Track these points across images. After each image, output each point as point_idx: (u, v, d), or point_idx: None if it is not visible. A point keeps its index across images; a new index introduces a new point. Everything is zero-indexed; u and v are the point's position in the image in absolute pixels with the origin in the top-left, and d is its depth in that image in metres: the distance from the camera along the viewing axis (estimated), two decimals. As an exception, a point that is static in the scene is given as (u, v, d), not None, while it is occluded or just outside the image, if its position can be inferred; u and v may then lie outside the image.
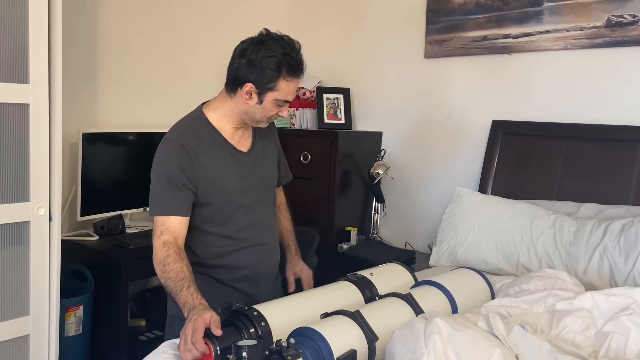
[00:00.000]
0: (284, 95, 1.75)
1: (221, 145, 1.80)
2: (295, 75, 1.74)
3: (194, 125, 1.80)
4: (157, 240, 1.67)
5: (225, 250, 1.81)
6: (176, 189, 1.70)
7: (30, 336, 2.15)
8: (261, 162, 1.90)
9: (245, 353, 1.18)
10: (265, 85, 1.72)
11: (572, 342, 1.51)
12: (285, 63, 1.70)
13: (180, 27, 3.26)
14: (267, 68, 1.69)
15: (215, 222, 1.79)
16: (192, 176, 1.71)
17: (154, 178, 1.74)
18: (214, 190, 1.75)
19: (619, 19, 2.51)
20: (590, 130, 2.57)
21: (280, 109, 1.79)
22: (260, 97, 1.74)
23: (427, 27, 3.10)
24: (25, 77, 2.05)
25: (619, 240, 2.18)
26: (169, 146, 1.74)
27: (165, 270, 1.61)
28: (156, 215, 1.71)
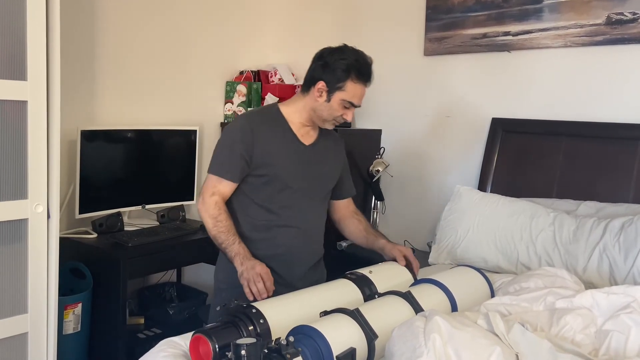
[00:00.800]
0: (351, 96, 1.93)
1: (286, 132, 2.00)
2: (362, 80, 1.94)
3: (264, 111, 2.11)
4: (209, 197, 1.93)
5: (265, 224, 1.97)
6: (233, 157, 1.92)
7: (28, 334, 2.14)
8: (319, 160, 2.06)
9: (244, 351, 1.17)
10: (334, 85, 1.92)
11: (572, 340, 1.51)
12: (355, 67, 1.92)
13: (179, 24, 3.25)
14: (338, 69, 1.92)
15: (263, 194, 1.97)
16: (250, 148, 1.92)
17: (218, 145, 2.00)
18: (268, 164, 1.94)
19: (619, 16, 2.50)
20: (590, 128, 2.56)
21: (346, 111, 1.97)
22: (329, 95, 1.93)
23: (427, 25, 3.09)
24: (23, 74, 2.04)
25: (618, 238, 2.17)
26: (237, 122, 2.01)
27: (217, 225, 1.90)
28: (212, 174, 1.96)
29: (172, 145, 3.14)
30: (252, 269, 1.81)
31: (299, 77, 3.65)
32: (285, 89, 3.54)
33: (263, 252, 1.95)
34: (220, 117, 3.56)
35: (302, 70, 3.62)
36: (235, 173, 1.94)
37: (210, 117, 3.49)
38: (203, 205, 1.94)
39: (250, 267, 1.82)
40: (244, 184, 1.98)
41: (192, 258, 2.96)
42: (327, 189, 2.13)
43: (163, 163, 3.11)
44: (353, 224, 2.21)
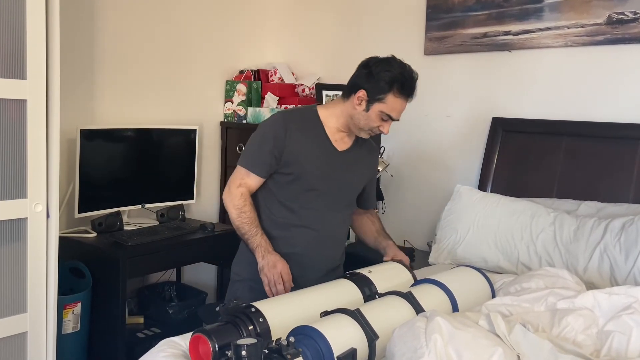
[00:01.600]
0: (390, 109, 1.91)
1: (319, 134, 2.00)
2: (404, 94, 1.91)
3: (301, 111, 2.12)
4: (236, 188, 1.96)
5: (284, 222, 1.99)
6: (263, 152, 1.94)
7: (27, 333, 2.13)
8: (349, 167, 2.05)
9: (245, 352, 1.17)
10: (375, 95, 1.90)
11: (573, 341, 1.50)
12: (399, 81, 1.88)
13: (179, 23, 3.24)
14: (381, 80, 1.89)
15: (287, 192, 1.98)
16: (281, 145, 1.93)
17: (252, 138, 2.02)
18: (296, 163, 1.95)
19: (619, 16, 2.50)
20: (591, 127, 2.56)
21: (383, 123, 1.95)
22: (368, 105, 1.92)
23: (427, 24, 3.09)
24: (22, 73, 2.03)
25: (619, 238, 2.17)
26: (273, 118, 2.03)
27: (241, 215, 1.93)
28: (241, 166, 1.98)
29: (171, 145, 3.14)
30: (273, 267, 1.86)
31: (298, 77, 3.65)
32: (285, 88, 3.54)
33: (280, 250, 1.96)
34: (220, 117, 3.55)
35: (302, 69, 3.66)
36: (263, 168, 1.96)
37: (210, 117, 3.49)
38: (229, 195, 1.97)
39: (271, 264, 1.87)
40: (270, 180, 2.00)
41: (191, 257, 2.96)
42: (352, 197, 2.13)
43: (163, 162, 3.11)
44: (367, 223, 2.23)
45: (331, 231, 2.07)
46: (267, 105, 3.47)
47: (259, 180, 1.98)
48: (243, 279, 2.02)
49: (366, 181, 2.17)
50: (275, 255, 1.90)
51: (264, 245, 1.91)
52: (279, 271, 1.86)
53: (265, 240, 1.93)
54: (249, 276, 1.99)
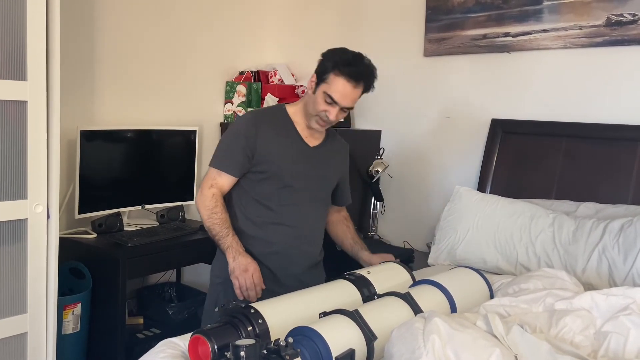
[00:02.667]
0: (332, 90, 1.89)
1: (290, 131, 2.02)
2: (346, 75, 1.89)
3: (272, 110, 2.11)
4: (207, 189, 1.96)
5: (261, 220, 1.99)
6: (234, 151, 1.95)
7: (27, 334, 2.14)
8: (322, 162, 2.06)
9: (243, 352, 1.17)
10: (321, 76, 1.92)
11: (571, 341, 1.51)
12: (343, 62, 1.90)
13: (179, 24, 3.25)
14: (327, 61, 1.93)
15: (261, 190, 1.98)
16: (252, 143, 1.94)
17: (223, 137, 2.03)
18: (268, 161, 1.95)
19: (618, 17, 2.50)
20: (590, 129, 2.56)
21: (329, 107, 1.92)
22: (315, 87, 1.94)
23: (427, 25, 3.10)
24: (23, 74, 2.04)
25: (617, 239, 2.17)
26: (242, 118, 2.07)
27: (212, 217, 1.93)
28: (212, 167, 1.98)
29: (171, 145, 3.14)
30: (245, 270, 1.85)
31: (298, 78, 3.65)
32: (284, 89, 3.54)
33: (258, 249, 1.97)
34: (219, 117, 3.56)
35: (302, 70, 3.66)
36: (235, 167, 1.96)
37: (210, 118, 3.49)
38: (201, 197, 1.97)
39: (243, 267, 1.86)
40: (244, 179, 2.00)
41: (191, 258, 2.96)
42: (327, 192, 2.14)
43: (163, 163, 3.11)
44: (342, 229, 2.26)
45: (309, 227, 2.07)
46: (267, 106, 3.48)
47: (232, 179, 1.98)
48: (224, 281, 1.99)
49: (339, 176, 2.19)
50: (246, 257, 1.89)
51: (234, 247, 1.90)
52: (250, 275, 1.86)
53: (237, 241, 1.92)
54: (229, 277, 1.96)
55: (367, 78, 1.95)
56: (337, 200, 2.25)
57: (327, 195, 2.16)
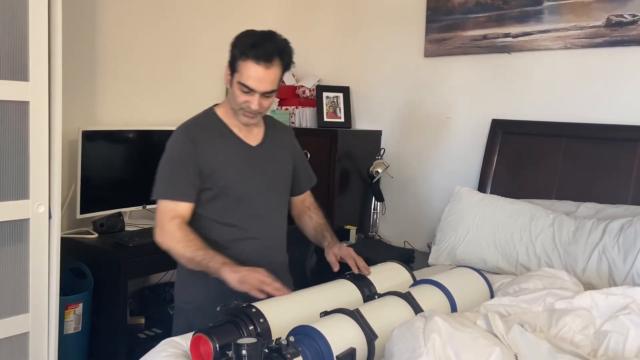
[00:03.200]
0: (245, 78, 1.73)
1: (228, 136, 1.86)
2: (252, 57, 1.71)
3: (201, 119, 1.90)
4: (168, 223, 1.76)
5: (228, 239, 1.83)
6: (182, 175, 1.78)
7: (29, 334, 2.14)
8: (270, 158, 1.92)
9: (245, 351, 1.18)
10: (232, 66, 1.77)
11: (571, 341, 1.51)
12: (247, 44, 1.73)
13: (180, 25, 3.26)
14: (234, 49, 1.77)
15: (219, 208, 1.83)
16: (196, 162, 1.78)
17: (162, 165, 1.83)
18: (216, 176, 1.80)
19: (618, 18, 2.51)
20: (590, 129, 2.57)
21: (248, 97, 1.76)
22: (231, 80, 1.78)
23: (427, 26, 3.10)
24: (25, 74, 2.04)
25: (617, 239, 2.18)
26: (175, 137, 1.85)
27: (189, 246, 1.73)
28: (164, 199, 1.78)
29: (172, 146, 3.14)
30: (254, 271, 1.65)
31: (299, 78, 3.66)
32: (285, 89, 3.55)
33: None
34: (220, 118, 3.56)
35: (302, 71, 3.67)
36: (190, 192, 1.79)
37: (211, 118, 3.49)
38: (163, 234, 1.76)
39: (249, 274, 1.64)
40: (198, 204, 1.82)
41: (192, 258, 2.96)
42: (284, 189, 1.99)
43: (164, 163, 3.11)
44: (305, 221, 2.07)
45: (274, 234, 1.94)
46: (268, 106, 3.48)
47: (191, 206, 1.79)
48: (196, 307, 1.81)
49: (292, 165, 2.01)
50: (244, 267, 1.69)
51: (229, 262, 1.69)
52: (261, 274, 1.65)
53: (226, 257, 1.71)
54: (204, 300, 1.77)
55: (281, 55, 1.76)
56: (297, 189, 2.06)
57: (285, 193, 2.00)
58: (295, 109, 3.44)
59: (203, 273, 1.73)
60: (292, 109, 3.45)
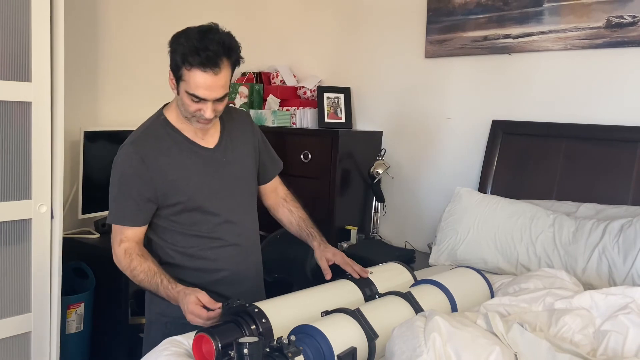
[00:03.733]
0: (192, 88, 1.59)
1: (181, 144, 1.73)
2: (199, 65, 1.56)
3: (151, 128, 1.75)
4: (117, 247, 1.71)
5: (198, 249, 1.75)
6: (131, 198, 1.68)
7: (31, 333, 2.16)
8: (231, 158, 1.81)
9: (247, 350, 1.19)
10: (176, 73, 1.62)
11: (570, 340, 1.52)
12: (190, 51, 1.56)
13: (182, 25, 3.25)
14: (174, 54, 1.61)
15: (184, 221, 1.73)
16: (148, 181, 1.67)
17: (111, 184, 1.73)
18: (177, 191, 1.70)
19: (619, 19, 2.52)
20: (590, 130, 2.57)
21: (199, 105, 1.62)
22: (177, 87, 1.64)
23: (428, 27, 3.11)
24: (27, 75, 2.06)
25: (617, 239, 2.19)
26: (123, 152, 1.71)
27: (134, 275, 1.67)
28: (112, 223, 1.72)
29: (174, 146, 3.15)
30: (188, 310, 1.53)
31: (300, 79, 3.67)
32: (286, 90, 3.56)
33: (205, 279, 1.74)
34: (222, 119, 3.57)
35: (304, 71, 3.68)
36: (138, 217, 1.70)
37: (212, 118, 3.50)
38: (115, 258, 1.72)
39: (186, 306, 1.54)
40: (157, 218, 1.74)
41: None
42: (250, 186, 1.89)
43: (165, 164, 3.12)
44: (285, 214, 1.99)
45: (248, 236, 1.86)
46: (269, 107, 3.49)
47: (139, 230, 1.71)
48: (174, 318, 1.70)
49: (255, 153, 1.90)
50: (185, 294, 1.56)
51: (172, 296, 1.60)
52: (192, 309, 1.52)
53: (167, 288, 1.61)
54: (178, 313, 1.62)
55: (228, 54, 1.60)
56: (264, 177, 1.95)
57: (253, 190, 1.90)
58: (296, 109, 3.45)
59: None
60: (293, 110, 3.46)
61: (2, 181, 2.04)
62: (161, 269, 1.66)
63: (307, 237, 1.95)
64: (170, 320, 1.76)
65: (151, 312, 1.85)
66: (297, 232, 1.97)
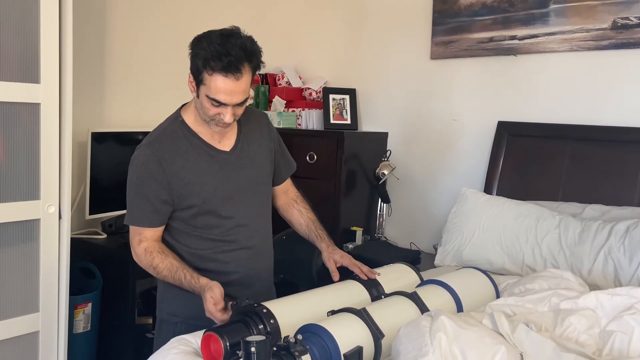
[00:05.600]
0: (213, 92, 1.59)
1: (198, 147, 1.73)
2: (221, 70, 1.56)
3: (168, 130, 1.75)
4: (137, 247, 1.71)
5: (210, 252, 1.76)
6: (147, 200, 1.68)
7: (39, 332, 2.17)
8: (247, 161, 1.80)
9: (254, 348, 1.20)
10: (197, 78, 1.62)
11: (576, 340, 1.52)
12: (212, 56, 1.56)
13: (188, 27, 3.26)
14: (197, 59, 1.60)
15: (198, 224, 1.74)
16: (165, 184, 1.67)
17: (128, 186, 1.73)
18: (192, 194, 1.70)
19: (624, 21, 2.52)
20: (596, 131, 2.58)
21: (219, 109, 1.62)
22: (197, 90, 1.64)
23: (433, 29, 3.12)
24: (36, 77, 2.07)
25: (623, 241, 2.19)
26: (140, 154, 1.70)
27: (158, 272, 1.69)
28: (130, 224, 1.73)
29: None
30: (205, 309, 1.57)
31: (306, 80, 3.68)
32: (292, 91, 3.57)
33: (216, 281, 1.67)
34: (228, 120, 3.58)
35: (310, 73, 3.69)
36: (154, 219, 1.70)
37: (218, 120, 3.51)
38: (136, 257, 1.73)
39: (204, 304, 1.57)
40: (172, 219, 1.74)
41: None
42: (265, 189, 1.90)
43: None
44: (294, 216, 1.99)
45: (262, 239, 1.86)
46: (275, 108, 3.50)
47: (157, 230, 1.73)
48: (185, 319, 1.75)
49: (272, 155, 1.90)
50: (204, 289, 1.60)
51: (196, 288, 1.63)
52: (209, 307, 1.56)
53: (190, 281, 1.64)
54: (189, 314, 1.71)
55: (249, 59, 1.62)
56: (277, 179, 1.95)
57: (267, 193, 1.91)
58: (302, 110, 3.46)
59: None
60: (299, 111, 3.47)
61: (11, 182, 2.06)
62: (183, 264, 1.69)
63: (315, 238, 1.95)
64: (181, 320, 1.77)
65: (162, 312, 1.85)
66: (306, 233, 1.97)
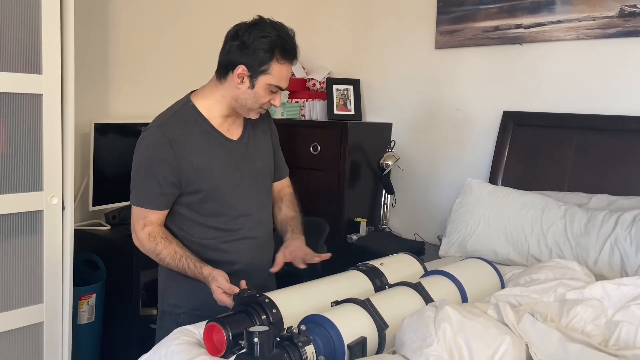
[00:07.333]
0: (277, 80, 1.68)
1: (208, 133, 1.74)
2: (288, 58, 1.69)
3: (179, 114, 1.75)
4: (141, 231, 1.70)
5: (214, 242, 1.76)
6: (156, 181, 1.67)
7: (44, 323, 2.18)
8: (252, 151, 1.83)
9: (257, 339, 1.19)
10: (257, 68, 1.65)
11: (582, 331, 1.51)
12: (279, 45, 1.66)
13: (192, 17, 3.26)
14: (259, 49, 1.64)
15: (204, 211, 1.74)
16: (175, 166, 1.66)
17: (135, 166, 1.71)
18: (200, 178, 1.70)
19: (632, 8, 2.49)
20: (602, 120, 2.56)
21: (273, 96, 1.71)
22: (252, 81, 1.67)
23: (438, 18, 3.09)
24: (38, 67, 2.06)
25: (630, 231, 2.17)
26: (151, 135, 1.69)
27: (161, 259, 1.70)
28: (135, 205, 1.71)
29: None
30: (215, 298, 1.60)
31: (309, 71, 3.66)
32: (295, 82, 3.55)
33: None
34: (231, 111, 3.57)
35: (313, 63, 3.67)
36: (161, 201, 1.70)
37: (222, 111, 3.50)
38: (138, 241, 1.72)
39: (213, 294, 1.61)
40: (178, 205, 1.74)
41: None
42: (268, 180, 1.92)
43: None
44: (274, 212, 1.99)
45: (263, 231, 1.86)
46: (279, 99, 3.49)
47: (162, 213, 1.72)
48: (188, 310, 1.77)
49: (273, 152, 1.94)
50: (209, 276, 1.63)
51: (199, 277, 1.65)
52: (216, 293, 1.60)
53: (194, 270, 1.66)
54: (192, 305, 1.74)
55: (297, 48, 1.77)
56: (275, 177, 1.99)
57: (269, 184, 1.94)
58: (306, 101, 3.44)
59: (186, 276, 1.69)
60: (302, 102, 3.45)
61: (13, 173, 2.05)
62: (186, 251, 1.69)
63: (285, 232, 1.92)
64: (184, 312, 1.78)
65: (164, 304, 1.86)
66: (279, 228, 1.97)
